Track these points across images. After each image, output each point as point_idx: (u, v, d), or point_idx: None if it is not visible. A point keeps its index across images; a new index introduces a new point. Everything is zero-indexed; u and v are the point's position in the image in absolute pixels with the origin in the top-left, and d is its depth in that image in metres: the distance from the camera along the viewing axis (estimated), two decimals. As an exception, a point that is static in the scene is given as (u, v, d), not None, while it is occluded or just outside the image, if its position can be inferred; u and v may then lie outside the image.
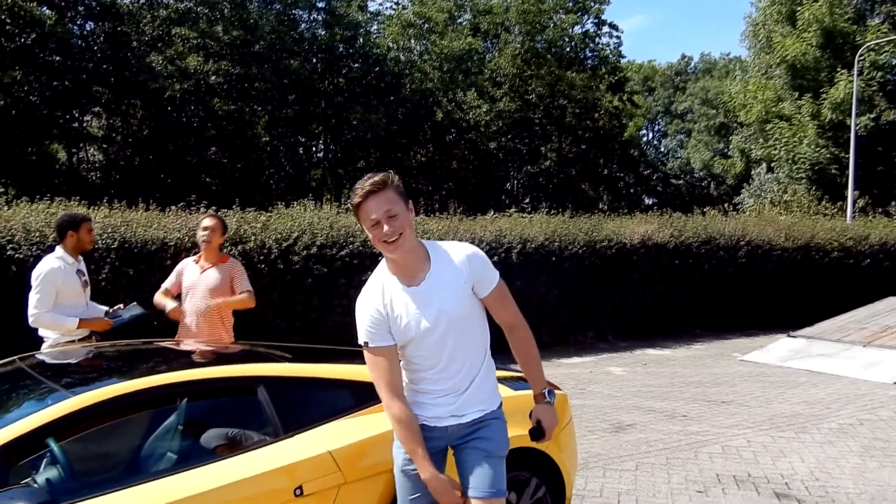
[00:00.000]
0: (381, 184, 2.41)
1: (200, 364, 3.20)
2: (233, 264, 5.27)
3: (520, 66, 34.53)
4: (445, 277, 2.50)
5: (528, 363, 2.67)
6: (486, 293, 2.57)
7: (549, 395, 2.61)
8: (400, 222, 2.40)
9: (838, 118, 21.94)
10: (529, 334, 2.66)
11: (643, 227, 11.90)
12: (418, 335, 2.50)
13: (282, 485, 2.68)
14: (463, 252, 2.54)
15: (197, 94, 26.95)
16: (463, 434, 2.59)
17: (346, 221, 9.23)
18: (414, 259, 2.49)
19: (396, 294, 2.51)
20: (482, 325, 2.63)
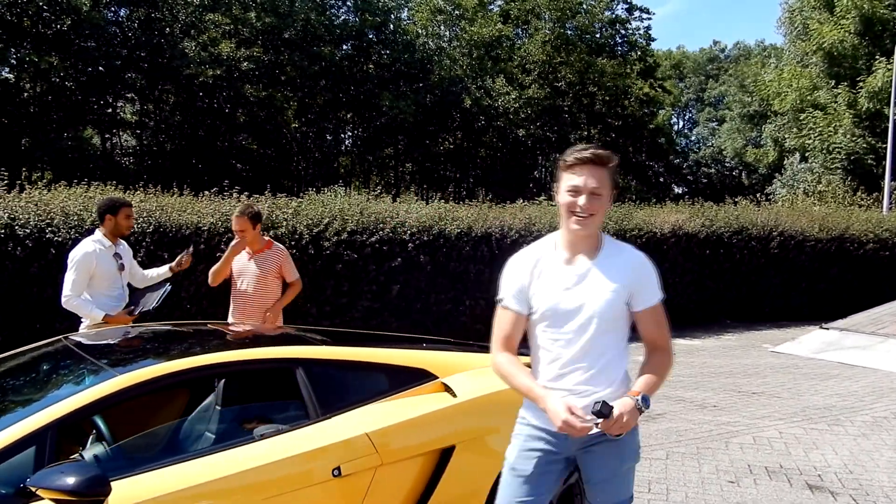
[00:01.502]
0: (604, 159, 2.34)
1: (240, 346, 3.27)
2: (279, 250, 5.45)
3: (549, 52, 34.28)
4: (605, 273, 2.38)
5: (649, 373, 2.40)
6: (639, 308, 2.42)
7: (642, 400, 2.30)
8: (599, 205, 2.34)
9: (875, 107, 21.47)
10: (669, 361, 2.48)
11: (674, 216, 11.79)
12: (553, 317, 2.39)
13: (320, 465, 2.73)
14: (634, 259, 2.43)
15: (229, 81, 27.16)
16: (588, 442, 2.41)
17: (375, 208, 9.28)
18: (586, 242, 2.40)
19: (551, 267, 2.43)
20: (623, 339, 2.46)
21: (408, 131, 30.63)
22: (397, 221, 9.11)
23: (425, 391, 3.20)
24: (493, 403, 3.21)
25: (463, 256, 9.41)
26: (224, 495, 2.57)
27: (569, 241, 2.42)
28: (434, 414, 3.04)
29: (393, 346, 3.57)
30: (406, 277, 8.97)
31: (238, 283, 5.34)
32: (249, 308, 5.30)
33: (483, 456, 3.11)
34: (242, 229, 5.23)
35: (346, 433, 2.82)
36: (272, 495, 2.64)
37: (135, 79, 27.22)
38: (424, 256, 9.07)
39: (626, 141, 38.00)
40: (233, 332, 3.88)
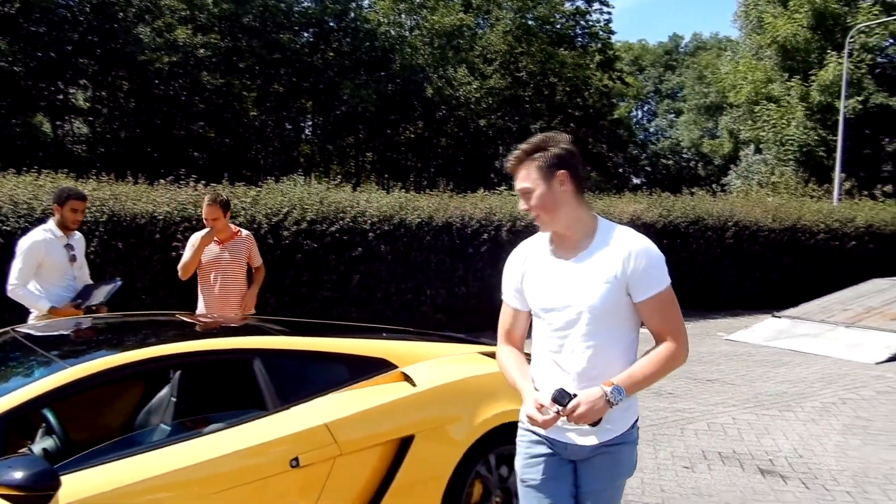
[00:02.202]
0: (520, 156, 2.22)
1: (196, 336, 3.22)
2: (247, 237, 5.54)
3: (511, 42, 34.35)
4: (598, 263, 2.20)
5: (641, 363, 2.21)
6: (639, 298, 2.20)
7: (612, 391, 2.10)
8: (539, 202, 2.19)
9: (827, 100, 22.03)
10: (674, 353, 2.22)
11: (632, 206, 11.95)
12: (545, 313, 2.28)
13: (278, 456, 2.71)
14: (631, 245, 2.20)
15: (185, 68, 26.64)
16: (586, 455, 2.28)
17: (336, 198, 9.21)
18: (571, 233, 2.25)
19: (540, 261, 2.31)
20: (628, 332, 2.26)
21: (369, 120, 30.44)
22: (357, 211, 9.05)
23: (385, 381, 3.19)
24: (453, 392, 3.23)
25: (424, 246, 9.41)
26: (178, 488, 2.53)
27: (556, 235, 2.30)
28: (393, 403, 3.03)
29: (352, 335, 3.56)
30: (366, 267, 8.93)
31: (212, 273, 5.33)
32: (230, 296, 5.33)
33: (442, 445, 3.12)
34: (215, 217, 5.25)
35: (304, 423, 2.80)
36: (229, 487, 2.61)
37: (87, 65, 26.52)
38: (385, 246, 9.04)
39: (587, 132, 38.32)
40: (189, 323, 3.82)
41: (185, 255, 5.39)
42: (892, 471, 4.76)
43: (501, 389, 3.38)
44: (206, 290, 5.37)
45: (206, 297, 5.37)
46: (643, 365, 2.20)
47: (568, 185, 2.20)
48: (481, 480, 3.27)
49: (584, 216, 2.25)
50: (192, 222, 7.93)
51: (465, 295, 9.84)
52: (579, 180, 2.24)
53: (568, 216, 2.21)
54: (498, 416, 3.25)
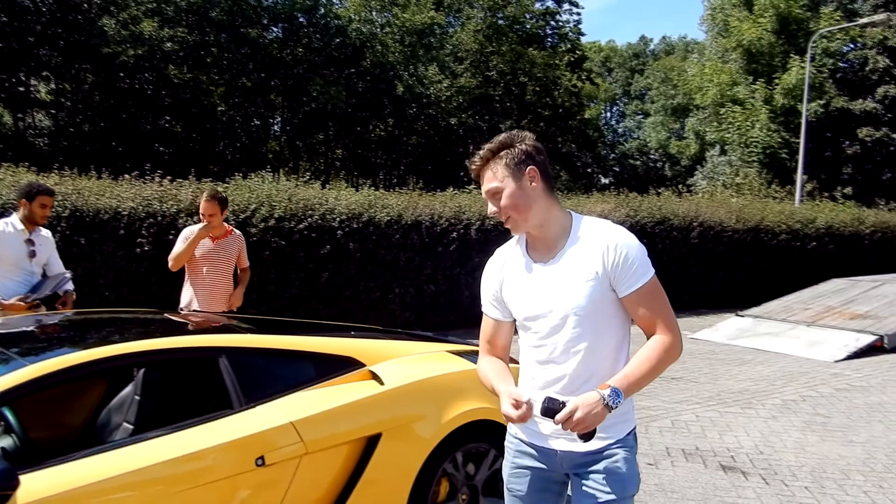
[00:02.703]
0: (486, 156, 2.11)
1: (160, 334, 3.18)
2: (239, 236, 5.58)
3: (481, 41, 34.40)
4: (576, 262, 2.08)
5: (635, 361, 2.06)
6: (625, 293, 2.07)
7: (610, 394, 1.94)
8: (510, 202, 2.07)
9: (790, 104, 22.44)
10: (667, 345, 2.08)
11: (600, 206, 12.06)
12: (529, 317, 2.15)
13: (243, 455, 2.69)
14: (609, 238, 2.07)
15: (151, 61, 26.20)
16: (579, 463, 2.12)
17: (304, 195, 9.16)
18: (544, 233, 2.13)
19: (517, 268, 2.19)
20: (618, 329, 2.12)
21: (338, 117, 30.26)
22: (326, 208, 9.01)
23: (352, 379, 3.19)
24: (420, 391, 3.23)
25: (393, 244, 9.40)
26: (142, 487, 2.50)
27: (530, 238, 2.18)
28: (360, 402, 3.03)
29: (320, 333, 3.54)
30: (335, 265, 8.90)
31: (203, 268, 5.30)
32: (218, 293, 5.35)
33: (409, 443, 3.13)
34: (212, 213, 5.24)
35: (270, 422, 2.79)
36: (193, 486, 2.59)
37: (50, 56, 25.95)
38: (354, 244, 9.01)
39: (556, 131, 38.55)
40: (154, 320, 3.77)
41: (178, 247, 5.34)
42: (849, 466, 4.88)
43: (469, 388, 3.41)
44: (196, 284, 5.34)
45: (196, 290, 5.33)
46: (638, 363, 2.05)
47: (538, 181, 2.09)
48: (448, 478, 3.29)
49: (556, 213, 2.13)
50: (157, 218, 7.83)
51: (434, 293, 9.85)
52: (548, 176, 2.14)
53: (540, 214, 2.10)
54: (465, 414, 3.27)
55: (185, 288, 5.40)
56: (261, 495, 2.74)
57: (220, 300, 5.35)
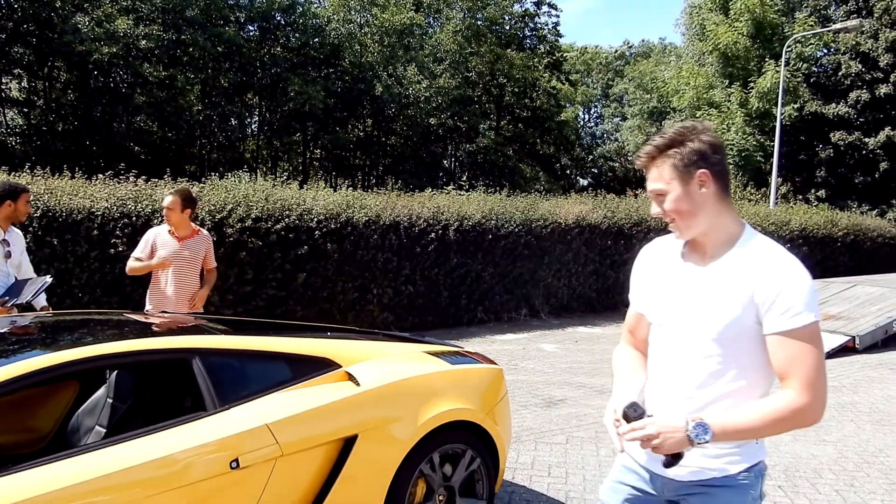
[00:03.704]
0: (652, 153, 1.90)
1: (133, 336, 3.13)
2: (206, 236, 5.50)
3: (461, 42, 34.43)
4: (731, 278, 1.86)
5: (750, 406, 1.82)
6: (770, 330, 1.80)
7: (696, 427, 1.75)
8: (674, 206, 1.87)
9: (765, 107, 22.70)
10: (798, 408, 1.77)
11: (578, 207, 12.12)
12: (662, 321, 1.99)
13: (218, 457, 2.65)
14: (774, 264, 1.82)
15: (126, 59, 25.88)
16: (682, 492, 1.96)
17: (282, 195, 9.10)
18: (706, 240, 1.92)
19: (666, 265, 2.02)
20: (754, 366, 1.87)
21: (317, 117, 30.10)
22: (304, 209, 8.96)
23: (328, 380, 3.17)
24: (397, 392, 3.22)
25: (371, 245, 9.37)
26: (114, 490, 2.46)
27: (692, 241, 1.97)
28: (336, 403, 3.01)
29: (296, 334, 3.52)
30: (312, 265, 8.85)
31: (168, 270, 5.24)
32: (182, 294, 5.27)
33: (386, 444, 3.11)
34: (171, 209, 5.19)
35: (244, 424, 2.76)
36: (167, 489, 2.55)
37: (22, 54, 25.55)
38: (332, 244, 8.97)
39: (535, 133, 38.69)
40: (127, 322, 3.72)
41: (134, 260, 5.30)
42: (821, 465, 4.94)
43: (445, 388, 3.41)
44: (157, 288, 5.28)
45: (156, 294, 5.28)
46: (749, 410, 1.80)
47: (709, 185, 1.87)
48: (425, 479, 3.28)
49: (726, 221, 1.90)
50: (131, 219, 7.73)
51: (412, 294, 9.84)
52: (723, 179, 1.89)
53: (706, 221, 1.88)
54: (442, 415, 3.26)
55: (150, 289, 5.34)
56: (235, 498, 2.71)
57: (185, 300, 5.28)
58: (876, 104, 22.32)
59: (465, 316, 10.46)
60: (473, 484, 3.49)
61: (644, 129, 46.36)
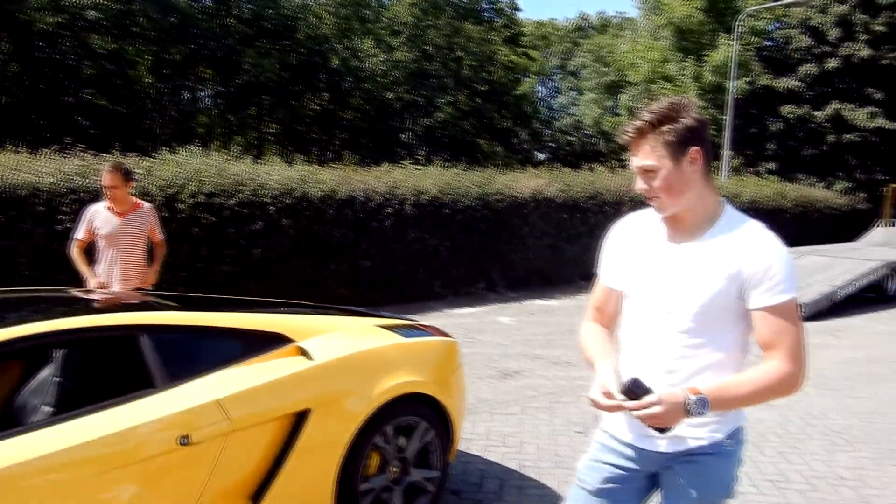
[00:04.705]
0: (643, 128, 1.86)
1: (79, 312, 3.07)
2: (149, 209, 5.35)
3: (417, 15, 34.05)
4: (714, 254, 1.88)
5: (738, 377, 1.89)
6: (755, 305, 1.86)
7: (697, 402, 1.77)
8: (659, 181, 1.87)
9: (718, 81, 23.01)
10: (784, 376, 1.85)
11: (534, 181, 12.18)
12: (642, 297, 1.99)
13: (166, 434, 2.63)
14: (757, 241, 1.88)
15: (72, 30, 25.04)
16: (667, 464, 2.00)
17: (235, 170, 8.97)
18: (689, 217, 1.94)
19: (646, 241, 2.02)
20: (733, 340, 1.94)
21: (272, 91, 29.57)
22: (258, 184, 8.85)
23: (280, 355, 3.16)
24: (350, 366, 3.23)
25: (327, 220, 9.31)
26: (61, 469, 2.42)
27: (672, 215, 1.97)
28: (288, 378, 3.00)
29: (248, 310, 3.49)
30: (268, 241, 8.77)
31: (111, 247, 5.12)
32: (130, 271, 5.16)
33: (339, 418, 3.12)
34: (114, 185, 5.04)
35: (194, 400, 2.73)
36: (115, 467, 2.53)
37: (-39, 23, 24.52)
38: (287, 220, 8.89)
39: (492, 107, 38.60)
40: (73, 298, 3.64)
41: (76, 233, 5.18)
42: (767, 429, 5.11)
43: (399, 361, 3.43)
44: (107, 262, 5.16)
45: (107, 267, 5.16)
46: (740, 381, 1.86)
47: (699, 163, 1.88)
48: (379, 451, 3.30)
49: (709, 199, 1.93)
50: (79, 194, 7.54)
51: (370, 269, 9.82)
52: (709, 157, 1.91)
53: (693, 199, 1.90)
54: (395, 387, 3.28)
55: (97, 266, 5.21)
56: (186, 474, 2.70)
57: (133, 277, 5.17)
58: (824, 78, 22.78)
59: (422, 290, 10.49)
60: (428, 455, 3.53)
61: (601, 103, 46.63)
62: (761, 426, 5.14)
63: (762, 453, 4.63)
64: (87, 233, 5.16)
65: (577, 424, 5.14)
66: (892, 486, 4.19)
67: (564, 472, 4.23)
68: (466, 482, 4.08)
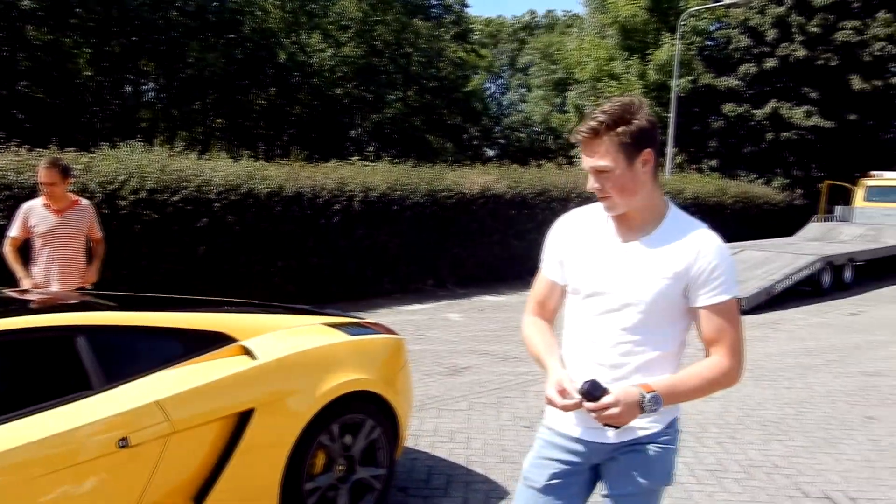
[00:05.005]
0: (597, 128, 1.86)
1: (12, 314, 2.97)
2: (87, 206, 5.22)
3: (365, 10, 33.84)
4: (659, 254, 1.94)
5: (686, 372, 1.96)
6: (698, 304, 1.93)
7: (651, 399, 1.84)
8: (612, 181, 1.89)
9: (662, 79, 23.46)
10: (725, 370, 1.94)
11: (483, 177, 12.25)
12: (588, 294, 2.01)
13: (103, 437, 2.57)
14: (701, 242, 1.94)
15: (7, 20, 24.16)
16: (610, 455, 2.05)
17: (179, 165, 8.79)
18: (636, 216, 1.98)
19: (592, 238, 2.03)
20: (676, 336, 2.01)
21: (217, 85, 29.05)
22: (202, 179, 8.70)
23: (223, 355, 3.12)
24: (294, 365, 3.21)
25: (274, 216, 9.20)
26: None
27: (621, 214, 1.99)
28: (231, 377, 2.97)
29: (190, 309, 3.43)
30: (213, 238, 8.62)
31: (48, 246, 4.96)
32: (68, 270, 5.01)
33: (283, 417, 3.10)
34: (52, 182, 4.89)
35: (133, 402, 2.68)
36: (51, 471, 2.46)
37: None
38: (232, 216, 8.76)
39: (442, 103, 38.64)
40: (6, 299, 3.52)
41: (12, 231, 5.01)
42: (706, 420, 5.25)
43: (344, 359, 3.41)
44: (45, 261, 5.00)
45: (45, 267, 5.00)
46: (688, 375, 1.93)
47: (650, 164, 1.92)
48: (324, 450, 3.29)
49: (656, 199, 1.98)
50: (13, 191, 7.29)
51: (318, 266, 9.75)
52: (658, 156, 1.96)
53: (643, 199, 1.94)
54: (340, 385, 3.27)
55: (35, 265, 5.06)
56: (125, 477, 2.64)
57: (72, 276, 5.04)
58: (763, 77, 23.42)
59: (371, 287, 10.46)
60: (374, 452, 3.53)
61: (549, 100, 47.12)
62: (702, 418, 5.28)
63: (702, 444, 4.76)
64: (21, 230, 5.00)
65: (524, 419, 5.20)
66: (824, 474, 4.36)
67: (511, 467, 4.28)
68: (414, 479, 4.10)
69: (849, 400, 5.98)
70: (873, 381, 6.65)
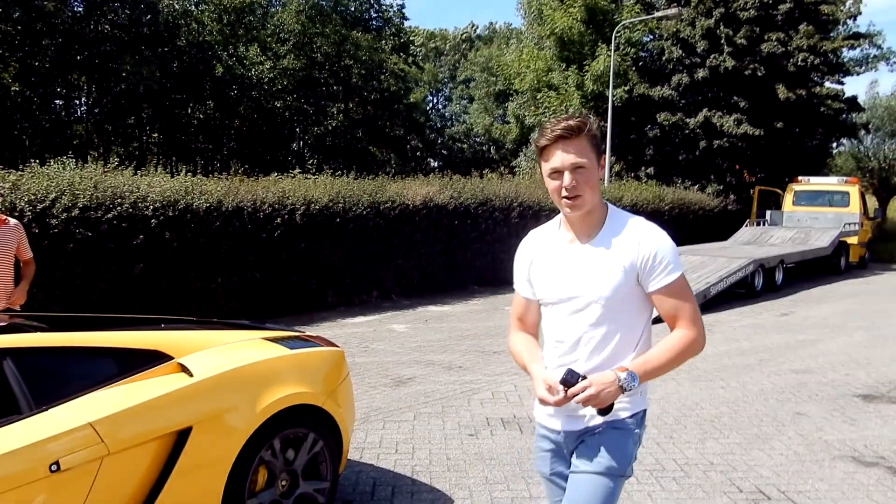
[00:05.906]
0: (574, 129, 2.07)
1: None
2: (16, 226, 5.08)
3: (304, 23, 33.66)
4: (608, 251, 2.14)
5: (656, 349, 2.14)
6: (652, 288, 2.13)
7: (626, 377, 2.03)
8: (585, 178, 2.09)
9: (599, 89, 23.93)
10: (690, 340, 2.15)
11: (425, 188, 12.30)
12: (554, 301, 2.21)
13: (34, 462, 2.50)
14: (642, 233, 2.14)
15: (-74, 34, 23.24)
16: (578, 441, 2.21)
17: (113, 181, 8.58)
18: (587, 219, 2.18)
19: (550, 250, 2.25)
20: (639, 322, 2.19)
21: (153, 99, 28.45)
22: (138, 196, 8.51)
23: (159, 373, 3.07)
24: (232, 381, 3.17)
25: (213, 232, 9.06)
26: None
27: (568, 221, 2.22)
28: (167, 396, 2.92)
29: (124, 328, 3.37)
30: (150, 256, 8.44)
31: None
32: (1, 289, 4.88)
33: (222, 434, 3.06)
34: None
35: (64, 425, 2.61)
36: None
37: None
38: (170, 233, 8.59)
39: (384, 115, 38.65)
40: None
41: None
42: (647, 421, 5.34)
43: (284, 373, 3.40)
44: None
45: None
46: (658, 352, 2.12)
47: (604, 167, 2.21)
48: (266, 466, 3.26)
49: (600, 201, 2.21)
50: (-64, 211, 7.00)
51: (260, 281, 9.63)
52: None
53: (594, 200, 2.14)
54: (280, 400, 3.25)
55: None
56: (58, 502, 2.57)
57: (3, 296, 4.90)
58: (695, 87, 24.12)
59: (315, 300, 10.38)
60: (317, 466, 3.51)
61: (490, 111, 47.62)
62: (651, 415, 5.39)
63: (641, 445, 4.86)
64: None
65: (469, 427, 5.24)
66: (756, 469, 4.51)
67: (456, 476, 4.30)
68: (359, 491, 4.08)
69: (780, 397, 6.20)
70: (803, 378, 6.91)
